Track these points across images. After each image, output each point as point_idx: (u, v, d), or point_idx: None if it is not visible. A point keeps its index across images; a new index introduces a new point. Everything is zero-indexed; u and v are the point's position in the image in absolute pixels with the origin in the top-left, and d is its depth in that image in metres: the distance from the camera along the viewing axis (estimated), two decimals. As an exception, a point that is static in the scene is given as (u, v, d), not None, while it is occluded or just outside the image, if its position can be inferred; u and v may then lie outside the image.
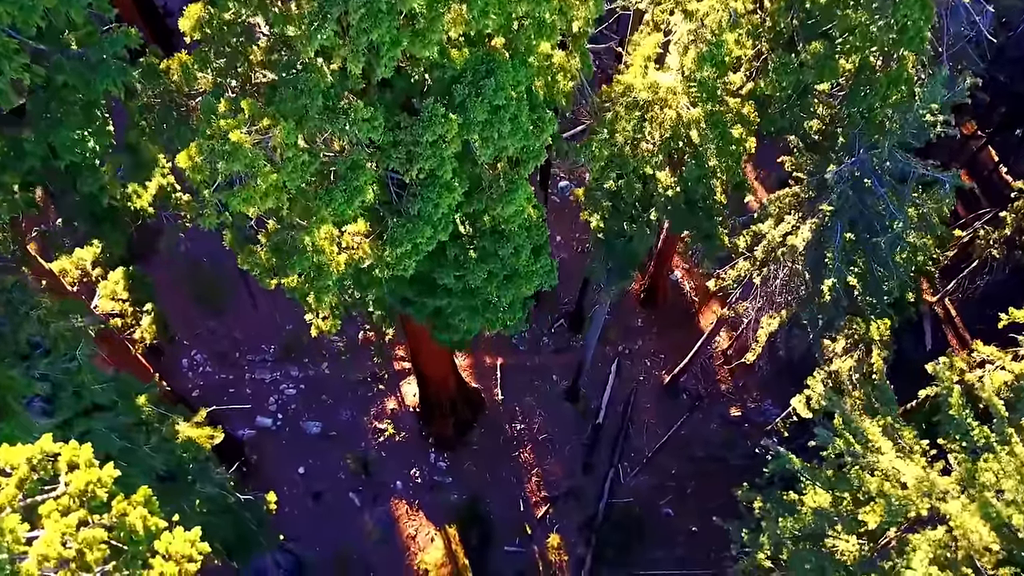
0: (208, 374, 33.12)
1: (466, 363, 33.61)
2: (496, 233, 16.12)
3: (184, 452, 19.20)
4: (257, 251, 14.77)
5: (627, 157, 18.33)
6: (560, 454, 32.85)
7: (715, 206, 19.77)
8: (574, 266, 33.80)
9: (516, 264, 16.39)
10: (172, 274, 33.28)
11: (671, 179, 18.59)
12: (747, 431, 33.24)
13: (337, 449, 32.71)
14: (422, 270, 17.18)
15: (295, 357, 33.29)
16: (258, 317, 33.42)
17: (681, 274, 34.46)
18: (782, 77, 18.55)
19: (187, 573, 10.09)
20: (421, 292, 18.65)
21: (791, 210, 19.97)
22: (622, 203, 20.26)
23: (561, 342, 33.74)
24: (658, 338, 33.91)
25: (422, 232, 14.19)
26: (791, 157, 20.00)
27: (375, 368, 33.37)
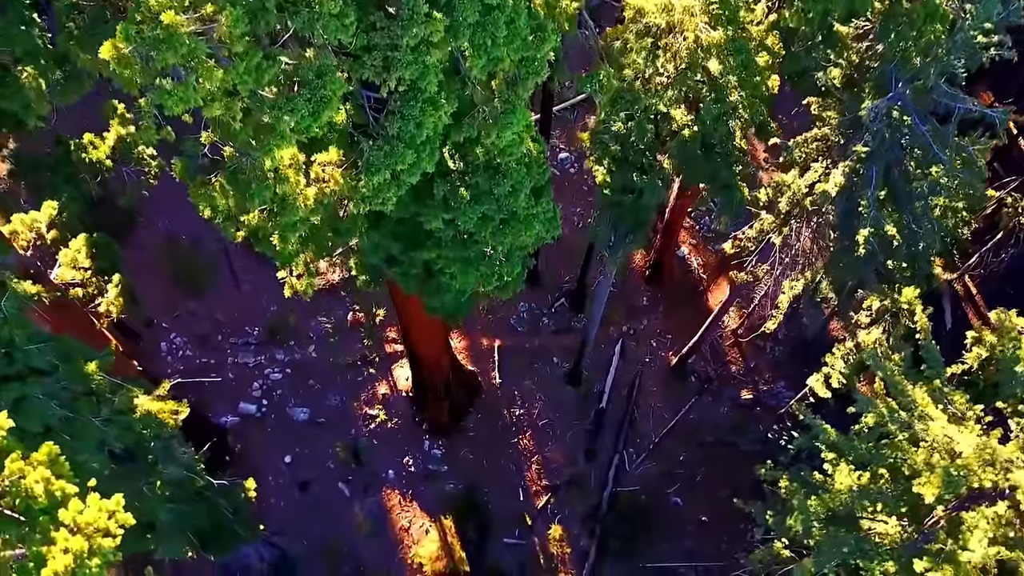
0: (188, 358, 30.75)
1: (462, 345, 31.27)
2: (491, 169, 13.82)
3: (144, 428, 16.85)
4: (211, 182, 12.46)
5: (638, 92, 16.03)
6: (561, 440, 30.53)
7: (734, 152, 17.47)
8: (576, 241, 31.46)
9: (514, 205, 14.09)
10: (150, 254, 30.95)
11: (687, 117, 16.30)
12: (759, 415, 30.91)
13: (325, 437, 30.35)
14: (406, 215, 14.87)
15: (280, 340, 30.94)
16: (241, 298, 31.08)
17: (688, 250, 32.16)
18: (808, 5, 16.29)
19: (100, 550, 7.80)
20: (407, 246, 16.35)
21: (819, 156, 17.67)
22: (631, 150, 17.95)
23: (562, 322, 31.42)
24: (664, 317, 31.59)
25: (402, 157, 11.88)
26: (817, 98, 17.70)
27: (365, 351, 31.02)
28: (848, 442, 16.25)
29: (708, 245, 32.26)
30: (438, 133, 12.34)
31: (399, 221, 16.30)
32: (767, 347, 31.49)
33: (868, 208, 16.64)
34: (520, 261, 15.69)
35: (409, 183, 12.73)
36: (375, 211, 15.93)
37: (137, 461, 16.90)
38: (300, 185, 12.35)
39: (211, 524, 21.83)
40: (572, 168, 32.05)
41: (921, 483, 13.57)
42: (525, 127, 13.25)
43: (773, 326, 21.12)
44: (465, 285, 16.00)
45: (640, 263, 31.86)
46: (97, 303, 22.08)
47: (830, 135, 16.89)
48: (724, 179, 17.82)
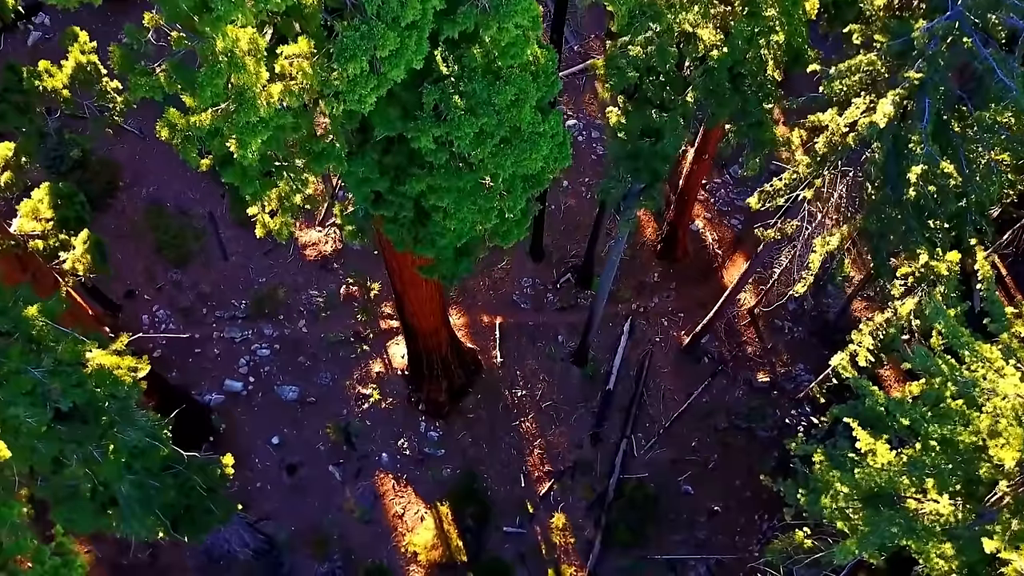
0: (171, 332, 28.55)
1: (461, 322, 29.02)
2: (490, 74, 11.61)
3: (97, 385, 14.64)
4: (155, 72, 10.27)
5: (660, 7, 13.81)
6: (566, 424, 28.24)
7: (767, 84, 15.27)
8: (582, 213, 29.25)
9: (517, 119, 11.86)
10: (132, 221, 28.78)
11: (716, 36, 14.09)
12: (777, 399, 28.59)
13: (316, 417, 28.10)
14: (392, 134, 12.63)
15: (269, 314, 28.71)
16: (229, 269, 28.87)
17: (703, 224, 29.88)
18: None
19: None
20: (395, 180, 14.14)
21: (862, 90, 15.43)
22: (651, 83, 15.74)
23: (568, 299, 29.14)
24: (677, 295, 29.30)
25: (383, 41, 9.68)
26: (860, 25, 15.46)
27: (359, 327, 28.78)
28: (899, 406, 13.94)
29: (724, 219, 30.00)
30: (428, 19, 10.14)
31: (385, 149, 14.08)
32: (785, 327, 29.19)
33: (920, 144, 14.38)
34: (524, 195, 13.45)
35: (392, 80, 10.52)
36: (356, 131, 13.75)
37: (88, 423, 14.69)
38: (262, 78, 10.15)
39: (182, 502, 19.60)
40: (580, 136, 29.83)
41: (998, 445, 11.29)
42: (531, 20, 11.02)
43: (803, 289, 18.83)
44: (461, 225, 13.75)
45: (651, 237, 29.60)
46: (62, 259, 19.90)
47: (877, 62, 14.64)
48: (755, 115, 15.60)
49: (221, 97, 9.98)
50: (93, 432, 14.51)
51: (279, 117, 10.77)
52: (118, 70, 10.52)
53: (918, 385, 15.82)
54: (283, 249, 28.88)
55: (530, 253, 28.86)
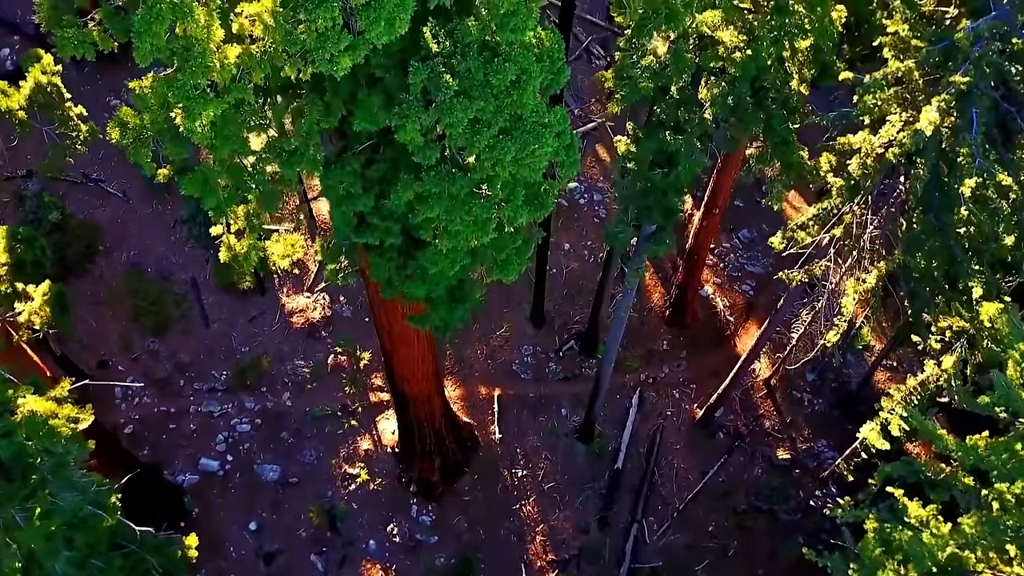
0: (145, 406, 26.13)
1: (456, 394, 26.66)
2: (488, 51, 9.92)
3: (27, 437, 12.33)
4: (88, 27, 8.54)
5: (676, 7, 12.28)
6: (571, 507, 25.51)
7: (792, 98, 13.64)
8: (585, 277, 27.34)
9: (518, 105, 10.08)
10: (110, 287, 26.82)
11: (738, 38, 12.52)
12: (799, 478, 25.95)
13: (298, 499, 25.39)
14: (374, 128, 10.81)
15: (251, 386, 26.36)
16: (210, 337, 26.71)
17: (713, 289, 27.93)
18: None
19: None
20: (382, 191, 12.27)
21: (897, 106, 13.77)
22: (665, 104, 14.12)
23: (571, 368, 26.88)
24: (688, 364, 27.06)
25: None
26: (891, 36, 13.95)
27: (347, 400, 26.40)
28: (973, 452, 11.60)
29: (734, 284, 28.07)
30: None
31: (368, 160, 12.26)
32: (805, 399, 26.84)
33: (971, 156, 12.60)
34: (526, 209, 11.53)
35: (370, 42, 8.77)
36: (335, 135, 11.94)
37: (13, 479, 12.29)
38: (215, 34, 8.39)
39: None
40: (582, 199, 28.28)
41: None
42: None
43: (835, 338, 16.70)
44: (454, 243, 11.77)
45: (659, 302, 27.60)
46: (16, 311, 17.83)
47: (914, 71, 13.02)
48: (780, 133, 13.89)
49: (164, 52, 8.19)
50: (13, 492, 12.09)
51: (237, 90, 8.97)
52: (45, 26, 8.79)
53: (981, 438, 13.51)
54: (268, 316, 26.84)
55: (531, 318, 26.80)
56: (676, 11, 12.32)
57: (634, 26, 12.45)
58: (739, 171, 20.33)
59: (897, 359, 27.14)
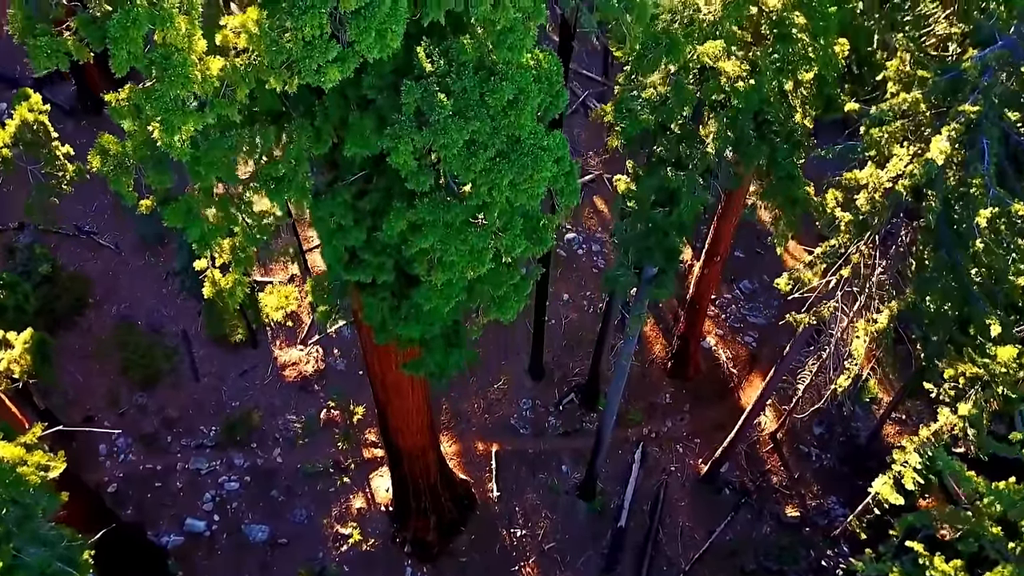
0: (131, 463, 25.13)
1: (453, 450, 25.71)
2: (484, 70, 9.49)
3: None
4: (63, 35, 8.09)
5: (676, 36, 11.97)
6: (572, 568, 24.33)
7: (796, 131, 13.25)
8: (585, 328, 26.67)
9: (516, 126, 9.62)
10: (98, 341, 26.09)
11: (741, 67, 12.17)
12: (810, 536, 24.83)
13: (287, 561, 24.19)
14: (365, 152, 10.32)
15: (240, 441, 25.42)
16: (199, 391, 25.86)
17: (715, 341, 27.24)
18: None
19: None
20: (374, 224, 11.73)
21: (904, 139, 13.37)
22: (665, 140, 13.73)
23: (571, 423, 26.00)
24: (691, 418, 26.19)
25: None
26: (895, 70, 13.64)
27: (339, 456, 25.44)
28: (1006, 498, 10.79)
29: (737, 336, 27.40)
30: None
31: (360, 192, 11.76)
32: (812, 454, 25.90)
33: (984, 186, 12.13)
34: (524, 234, 10.97)
35: (361, 54, 8.33)
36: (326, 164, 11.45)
37: (-24, 531, 11.43)
38: (196, 45, 7.95)
39: (108, 653, 15.73)
40: (580, 250, 27.82)
41: None
42: (532, 2, 9.02)
43: (846, 382, 15.98)
44: (449, 275, 11.17)
45: (661, 354, 26.88)
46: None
47: (921, 102, 12.66)
48: (784, 167, 13.46)
49: (142, 61, 7.74)
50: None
51: (220, 106, 8.49)
52: (19, 37, 8.35)
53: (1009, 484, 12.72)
54: (260, 369, 26.06)
55: (529, 371, 26.03)
56: (677, 41, 11.99)
57: (634, 58, 12.11)
58: (740, 216, 19.92)
59: (906, 412, 26.32)
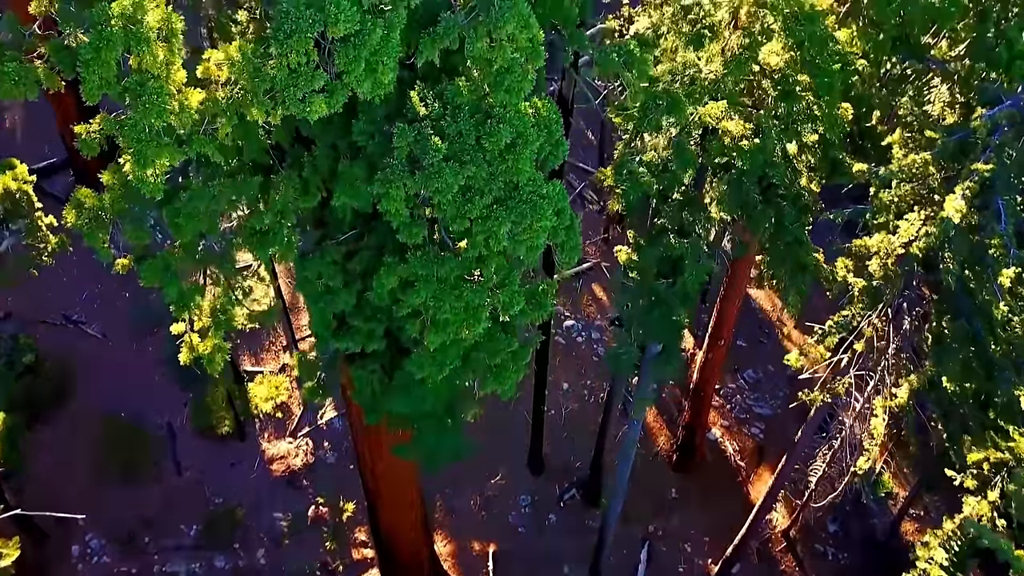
0: (104, 566, 23.49)
1: (447, 550, 24.12)
2: (480, 113, 9.01)
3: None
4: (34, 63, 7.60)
5: (678, 96, 11.64)
6: None
7: (802, 195, 12.78)
8: (586, 419, 25.55)
9: (513, 172, 9.06)
10: (78, 433, 24.91)
11: (745, 127, 11.78)
12: (830, 643, 23.06)
13: (267, 674, 22.33)
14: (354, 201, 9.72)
15: (223, 541, 23.83)
16: (182, 486, 24.47)
17: (721, 432, 26.08)
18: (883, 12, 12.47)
19: None
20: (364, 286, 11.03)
21: (914, 202, 12.88)
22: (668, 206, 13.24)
23: (572, 520, 24.51)
24: (699, 514, 24.74)
25: (336, 12, 7.14)
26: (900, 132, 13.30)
27: (327, 557, 23.83)
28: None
29: (743, 428, 26.28)
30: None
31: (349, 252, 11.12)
32: (828, 553, 24.34)
33: (1003, 246, 11.53)
34: (522, 299, 10.25)
35: (350, 87, 7.83)
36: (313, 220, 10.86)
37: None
38: (175, 75, 7.45)
39: None
40: (580, 337, 27.04)
41: None
42: (529, 41, 8.61)
43: (867, 465, 14.91)
44: (442, 338, 10.38)
45: (666, 446, 25.68)
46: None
47: (930, 164, 12.23)
48: (792, 232, 12.90)
49: (114, 88, 7.22)
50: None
51: (200, 143, 7.94)
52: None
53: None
54: (247, 463, 24.77)
55: (528, 465, 24.77)
56: (678, 100, 11.65)
57: (635, 116, 11.74)
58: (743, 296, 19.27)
59: (924, 507, 24.96)
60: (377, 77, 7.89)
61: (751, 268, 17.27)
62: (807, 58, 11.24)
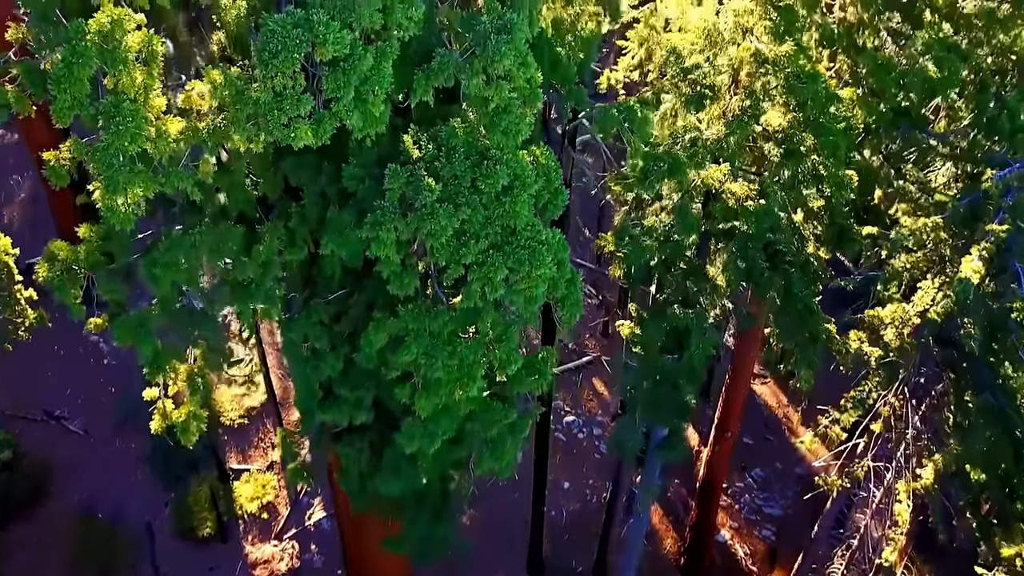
0: None
1: (441, 663, 22.18)
2: (475, 155, 8.53)
3: None
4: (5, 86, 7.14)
5: (679, 158, 11.26)
6: None
7: (811, 261, 12.22)
8: (588, 519, 24.09)
9: (511, 216, 8.50)
10: (54, 533, 23.41)
11: (749, 189, 11.35)
12: None
13: None
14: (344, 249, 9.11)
15: (197, 655, 22.02)
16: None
17: (730, 534, 24.57)
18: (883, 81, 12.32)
19: None
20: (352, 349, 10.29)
21: (928, 269, 12.31)
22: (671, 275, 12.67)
23: (575, 629, 22.75)
24: (710, 623, 22.98)
25: (324, 33, 6.76)
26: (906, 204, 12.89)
27: (311, 671, 21.93)
28: None
29: (753, 529, 24.79)
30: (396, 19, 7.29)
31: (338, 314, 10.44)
32: (851, 667, 22.39)
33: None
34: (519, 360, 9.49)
35: (337, 119, 7.37)
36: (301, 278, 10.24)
37: None
38: (154, 102, 7.00)
39: None
40: (581, 433, 25.91)
41: None
42: (528, 82, 8.25)
43: (892, 556, 13.70)
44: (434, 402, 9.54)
45: (672, 549, 24.12)
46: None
47: (941, 228, 11.74)
48: (802, 299, 12.25)
49: (87, 110, 6.75)
50: None
51: (177, 177, 7.41)
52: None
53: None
54: (227, 567, 23.16)
55: (528, 568, 23.17)
56: (679, 162, 11.27)
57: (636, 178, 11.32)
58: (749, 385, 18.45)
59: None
60: (368, 108, 7.47)
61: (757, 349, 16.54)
62: (810, 117, 10.94)
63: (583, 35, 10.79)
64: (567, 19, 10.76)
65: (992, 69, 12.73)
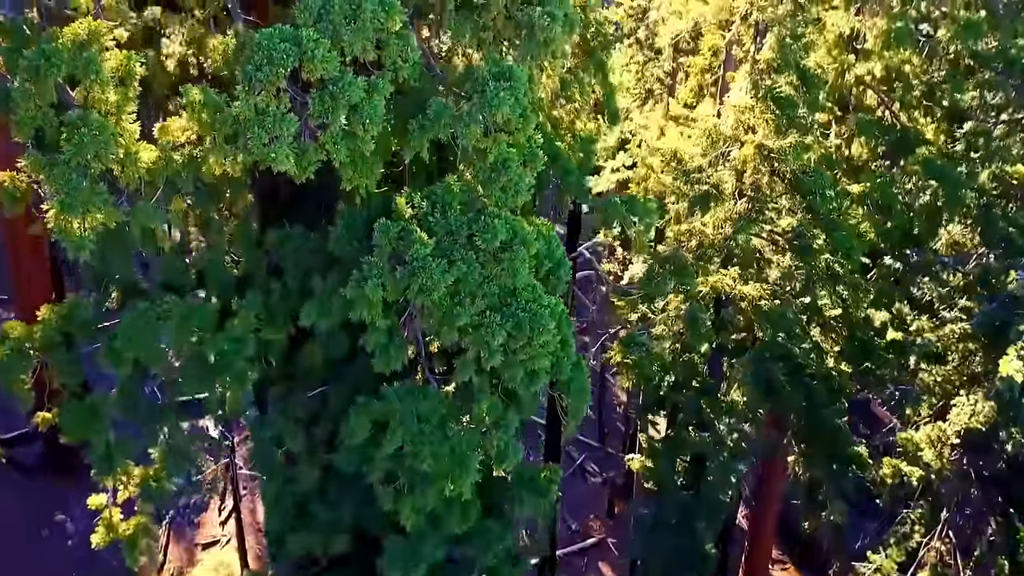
0: None
1: None
2: (474, 211, 7.78)
3: None
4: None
5: (687, 261, 10.56)
6: None
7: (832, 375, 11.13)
8: None
9: (510, 274, 7.59)
10: None
11: (762, 290, 10.51)
12: None
13: None
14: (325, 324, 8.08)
15: None
16: None
17: None
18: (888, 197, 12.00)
19: None
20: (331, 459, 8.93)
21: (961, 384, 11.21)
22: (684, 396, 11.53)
23: None
24: None
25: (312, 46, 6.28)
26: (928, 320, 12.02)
27: None
28: None
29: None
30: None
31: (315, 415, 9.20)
32: None
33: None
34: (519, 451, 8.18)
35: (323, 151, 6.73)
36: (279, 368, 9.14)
37: None
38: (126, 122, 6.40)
39: None
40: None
41: None
42: (528, 140, 7.74)
43: None
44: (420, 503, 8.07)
45: None
46: None
47: (969, 335, 10.81)
48: (826, 418, 11.01)
49: (51, 120, 6.09)
50: None
51: (143, 215, 6.64)
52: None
53: None
54: None
55: None
56: (685, 264, 10.57)
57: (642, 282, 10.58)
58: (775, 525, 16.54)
59: None
60: (357, 145, 6.87)
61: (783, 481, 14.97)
62: (820, 212, 10.40)
63: (583, 135, 10.53)
64: (565, 119, 10.57)
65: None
